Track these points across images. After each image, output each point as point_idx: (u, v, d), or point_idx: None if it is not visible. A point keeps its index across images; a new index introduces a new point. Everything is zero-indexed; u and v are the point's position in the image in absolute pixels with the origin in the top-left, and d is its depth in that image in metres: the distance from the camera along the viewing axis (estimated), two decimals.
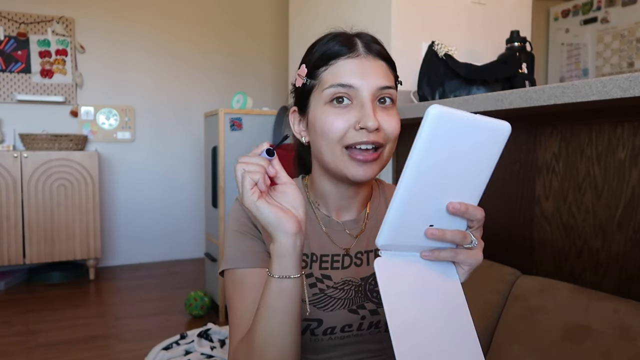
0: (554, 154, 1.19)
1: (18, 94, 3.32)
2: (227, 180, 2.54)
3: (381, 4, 1.90)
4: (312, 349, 0.75)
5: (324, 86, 0.71)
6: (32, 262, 3.07)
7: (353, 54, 0.71)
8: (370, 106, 0.69)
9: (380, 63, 0.72)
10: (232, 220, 0.78)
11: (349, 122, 0.69)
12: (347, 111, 0.70)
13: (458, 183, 0.54)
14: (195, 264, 3.69)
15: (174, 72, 3.80)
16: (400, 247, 0.57)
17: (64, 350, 2.18)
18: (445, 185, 0.54)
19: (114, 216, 3.69)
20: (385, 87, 0.71)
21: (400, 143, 0.78)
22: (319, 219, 0.79)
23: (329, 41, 0.73)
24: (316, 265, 0.76)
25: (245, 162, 0.60)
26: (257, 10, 4.04)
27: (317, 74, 0.73)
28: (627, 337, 0.84)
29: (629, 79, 0.86)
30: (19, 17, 3.32)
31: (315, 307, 0.73)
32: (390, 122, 0.71)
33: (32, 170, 3.03)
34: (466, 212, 0.55)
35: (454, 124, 0.50)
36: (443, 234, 0.56)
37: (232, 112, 2.55)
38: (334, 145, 0.70)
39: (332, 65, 0.72)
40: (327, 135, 0.70)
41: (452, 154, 0.51)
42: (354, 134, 0.69)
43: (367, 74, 0.70)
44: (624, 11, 3.41)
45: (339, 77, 0.70)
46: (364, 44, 0.72)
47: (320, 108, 0.72)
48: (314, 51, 0.75)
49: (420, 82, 1.62)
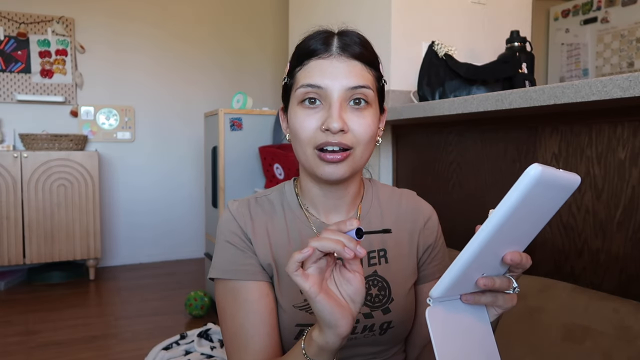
0: (554, 154, 1.19)
1: (18, 94, 3.32)
2: (227, 180, 2.54)
3: (381, 4, 1.90)
4: None
5: (297, 86, 0.71)
6: (32, 262, 3.07)
7: (325, 54, 0.70)
8: (336, 107, 0.68)
9: (353, 63, 0.70)
10: (225, 230, 0.77)
11: (317, 123, 0.69)
12: (316, 112, 0.69)
13: (522, 234, 0.54)
14: (195, 264, 3.69)
15: (174, 72, 3.80)
16: (451, 295, 0.57)
17: (64, 350, 2.18)
18: (513, 237, 0.53)
19: (114, 216, 3.69)
20: (357, 87, 0.69)
21: (400, 143, 0.78)
22: (311, 222, 0.78)
23: (309, 40, 0.72)
24: None
25: (330, 239, 0.54)
26: (257, 10, 4.04)
27: (293, 73, 0.73)
28: (627, 337, 0.84)
29: (629, 79, 0.86)
30: (19, 17, 3.32)
31: (307, 313, 0.72)
32: (361, 123, 0.69)
33: (32, 170, 3.03)
34: (521, 263, 0.55)
35: (547, 183, 0.48)
36: (493, 282, 0.56)
37: (232, 112, 2.55)
38: (305, 146, 0.70)
39: (305, 65, 0.71)
40: (299, 135, 0.70)
41: (532, 209, 0.51)
42: (320, 135, 0.69)
43: (336, 75, 0.69)
44: (624, 11, 3.41)
45: (309, 77, 0.70)
46: (340, 44, 0.71)
47: (294, 108, 0.72)
48: (296, 49, 0.75)
49: (420, 82, 1.62)
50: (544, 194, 0.49)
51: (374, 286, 0.75)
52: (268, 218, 0.78)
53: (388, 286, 0.76)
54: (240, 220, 0.77)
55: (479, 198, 1.42)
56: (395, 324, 0.75)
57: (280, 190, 0.82)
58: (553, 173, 0.48)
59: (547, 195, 0.50)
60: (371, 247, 0.78)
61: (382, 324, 0.74)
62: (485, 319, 0.60)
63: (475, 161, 1.44)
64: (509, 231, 0.51)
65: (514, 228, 0.51)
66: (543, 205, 0.52)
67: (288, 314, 0.72)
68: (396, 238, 0.80)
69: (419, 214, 0.84)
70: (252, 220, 0.77)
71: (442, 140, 1.57)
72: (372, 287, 0.75)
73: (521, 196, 0.47)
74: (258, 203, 0.80)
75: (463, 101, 1.27)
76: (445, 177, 1.56)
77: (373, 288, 0.75)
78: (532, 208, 0.50)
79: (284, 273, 0.73)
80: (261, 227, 0.77)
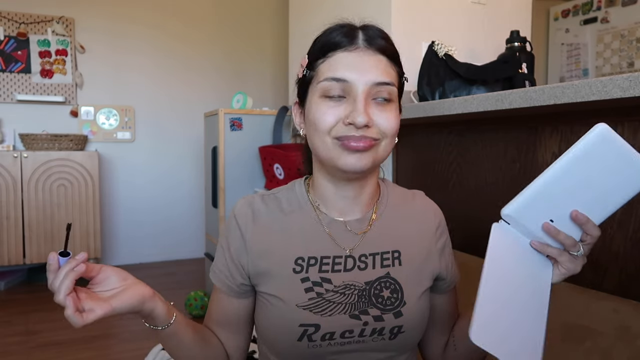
0: (554, 154, 1.18)
1: (18, 94, 3.32)
2: (227, 180, 2.54)
3: (381, 4, 1.90)
4: (310, 356, 0.71)
5: (320, 78, 0.69)
6: (32, 262, 3.07)
7: (351, 47, 0.68)
8: (362, 101, 0.66)
9: (380, 58, 0.69)
10: (223, 231, 0.80)
11: (340, 116, 0.67)
12: (339, 105, 0.68)
13: (591, 199, 0.59)
14: (195, 264, 3.69)
15: (174, 72, 3.80)
16: (518, 225, 0.61)
17: (64, 350, 2.18)
18: (581, 195, 0.58)
19: (114, 216, 3.69)
20: (382, 84, 0.68)
21: (400, 143, 0.78)
22: (321, 219, 0.76)
23: (332, 32, 0.71)
24: (315, 268, 0.73)
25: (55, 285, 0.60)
26: (257, 10, 4.04)
27: (315, 65, 0.71)
28: (627, 337, 0.84)
29: (629, 79, 0.86)
30: (19, 17, 3.32)
31: (311, 312, 0.70)
32: (386, 117, 0.68)
33: (32, 170, 3.03)
34: (585, 224, 0.59)
35: (613, 148, 0.55)
36: (557, 232, 0.60)
37: (232, 112, 2.55)
38: (324, 136, 0.68)
39: (329, 58, 0.69)
40: (318, 127, 0.68)
41: (600, 172, 0.57)
42: (342, 128, 0.67)
43: (363, 69, 0.67)
44: (624, 11, 3.41)
45: (334, 70, 0.68)
46: (365, 37, 0.70)
47: (315, 100, 0.70)
48: (316, 42, 0.73)
49: (420, 82, 1.62)
50: (609, 157, 0.55)
51: (386, 288, 0.73)
52: (271, 216, 0.77)
53: (400, 289, 0.73)
54: (240, 220, 0.77)
55: (478, 198, 1.42)
56: (406, 329, 0.72)
57: (290, 188, 0.81)
58: (619, 138, 0.55)
59: (613, 163, 0.56)
60: (385, 249, 0.76)
61: (392, 328, 0.71)
62: (547, 274, 0.64)
63: (475, 161, 1.44)
64: (580, 186, 0.57)
65: (584, 185, 0.57)
66: (609, 174, 0.57)
67: (291, 314, 0.70)
68: (411, 239, 0.78)
69: (431, 215, 0.83)
70: (253, 220, 0.77)
71: (442, 140, 1.57)
72: (385, 289, 0.72)
73: (586, 146, 0.55)
74: (264, 201, 0.79)
75: (463, 101, 1.27)
76: (445, 177, 1.56)
77: (385, 290, 0.72)
78: (601, 171, 0.56)
79: (286, 272, 0.73)
80: (262, 225, 0.76)
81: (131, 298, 0.64)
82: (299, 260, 0.73)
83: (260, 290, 0.75)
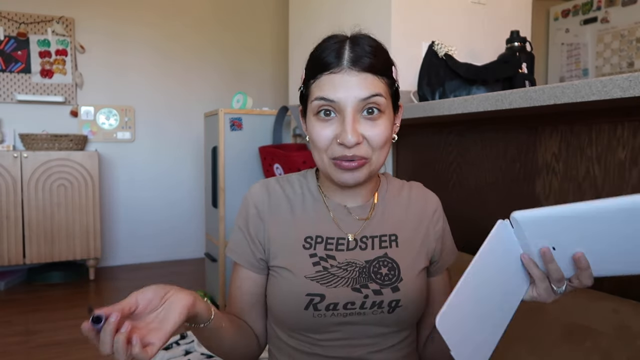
0: (554, 154, 1.19)
1: (18, 94, 3.32)
2: (227, 180, 2.54)
3: (381, 4, 1.90)
4: (315, 326, 0.77)
5: (312, 97, 0.75)
6: (32, 262, 3.07)
7: (337, 69, 0.72)
8: (350, 121, 0.71)
9: (364, 75, 0.72)
10: (241, 212, 0.86)
11: (332, 134, 0.73)
12: (331, 123, 0.74)
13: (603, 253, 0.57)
14: (195, 264, 3.69)
15: (174, 72, 3.80)
16: (519, 233, 0.61)
17: (64, 350, 2.18)
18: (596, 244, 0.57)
19: (114, 216, 3.69)
20: (369, 97, 0.72)
21: (400, 143, 0.79)
22: (327, 205, 0.84)
23: (322, 51, 0.75)
24: (321, 246, 0.80)
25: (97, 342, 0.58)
26: (257, 11, 4.04)
27: (308, 84, 0.77)
28: (627, 337, 0.85)
29: (629, 79, 0.86)
30: (19, 17, 3.32)
31: (318, 283, 0.76)
32: (376, 132, 0.73)
33: (32, 170, 3.03)
34: (583, 270, 0.59)
35: None
36: (551, 261, 0.60)
37: (232, 112, 2.55)
38: (321, 154, 0.75)
39: (318, 79, 0.74)
40: (315, 145, 0.76)
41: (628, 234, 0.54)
42: (337, 149, 0.73)
43: (348, 88, 0.71)
44: (624, 11, 3.41)
45: (322, 91, 0.73)
46: (350, 57, 0.72)
47: (310, 118, 0.76)
48: (311, 57, 0.78)
49: (420, 82, 1.62)
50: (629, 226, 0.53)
51: (384, 266, 0.79)
52: (285, 197, 0.85)
53: (397, 267, 0.80)
54: (257, 198, 0.84)
55: (478, 198, 1.42)
56: (403, 304, 0.78)
57: (303, 174, 0.89)
58: None
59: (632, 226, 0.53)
60: (383, 232, 0.83)
61: (390, 301, 0.77)
62: (523, 289, 0.65)
63: (475, 161, 1.44)
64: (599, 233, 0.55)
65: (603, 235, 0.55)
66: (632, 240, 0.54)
67: (300, 284, 0.77)
68: (408, 224, 0.85)
69: (428, 202, 0.89)
70: (269, 200, 0.84)
71: (442, 140, 1.57)
72: (383, 267, 0.79)
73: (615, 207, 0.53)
74: (278, 182, 0.87)
75: (463, 101, 1.27)
76: (445, 177, 1.56)
77: (383, 268, 0.79)
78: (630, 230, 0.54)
79: (297, 248, 0.80)
80: (277, 205, 0.84)
81: (180, 315, 0.65)
82: (308, 238, 0.81)
83: (273, 264, 0.82)
